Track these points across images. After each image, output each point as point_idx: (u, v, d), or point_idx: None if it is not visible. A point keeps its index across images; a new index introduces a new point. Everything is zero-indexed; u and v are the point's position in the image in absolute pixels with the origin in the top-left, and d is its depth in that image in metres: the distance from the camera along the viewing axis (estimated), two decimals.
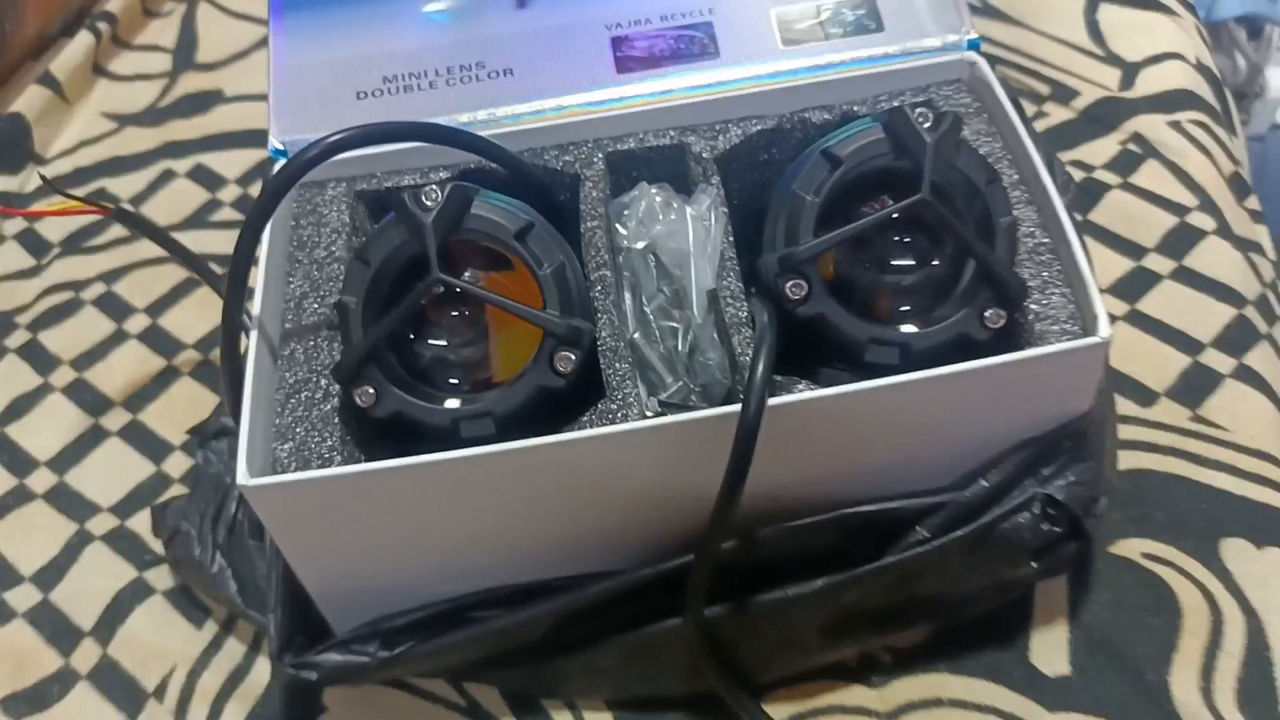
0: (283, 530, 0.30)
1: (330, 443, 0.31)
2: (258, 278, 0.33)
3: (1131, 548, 0.36)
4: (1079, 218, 0.45)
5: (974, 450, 0.31)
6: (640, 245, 0.35)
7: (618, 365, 0.32)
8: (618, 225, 0.35)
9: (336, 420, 0.31)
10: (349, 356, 0.30)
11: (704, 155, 0.36)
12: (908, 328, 0.31)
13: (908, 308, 0.31)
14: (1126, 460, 0.37)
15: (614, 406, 0.31)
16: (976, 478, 0.31)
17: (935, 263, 0.31)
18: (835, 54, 0.37)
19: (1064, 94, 0.50)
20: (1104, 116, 0.48)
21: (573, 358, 0.30)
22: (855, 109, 0.36)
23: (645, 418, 0.31)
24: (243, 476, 0.29)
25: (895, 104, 0.35)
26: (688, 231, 0.34)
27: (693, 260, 0.34)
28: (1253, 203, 0.48)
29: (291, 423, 0.31)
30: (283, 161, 0.36)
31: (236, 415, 0.31)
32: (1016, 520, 0.31)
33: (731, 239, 0.34)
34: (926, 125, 0.30)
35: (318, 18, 0.39)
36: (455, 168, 0.36)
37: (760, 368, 0.28)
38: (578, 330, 0.31)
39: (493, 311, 0.32)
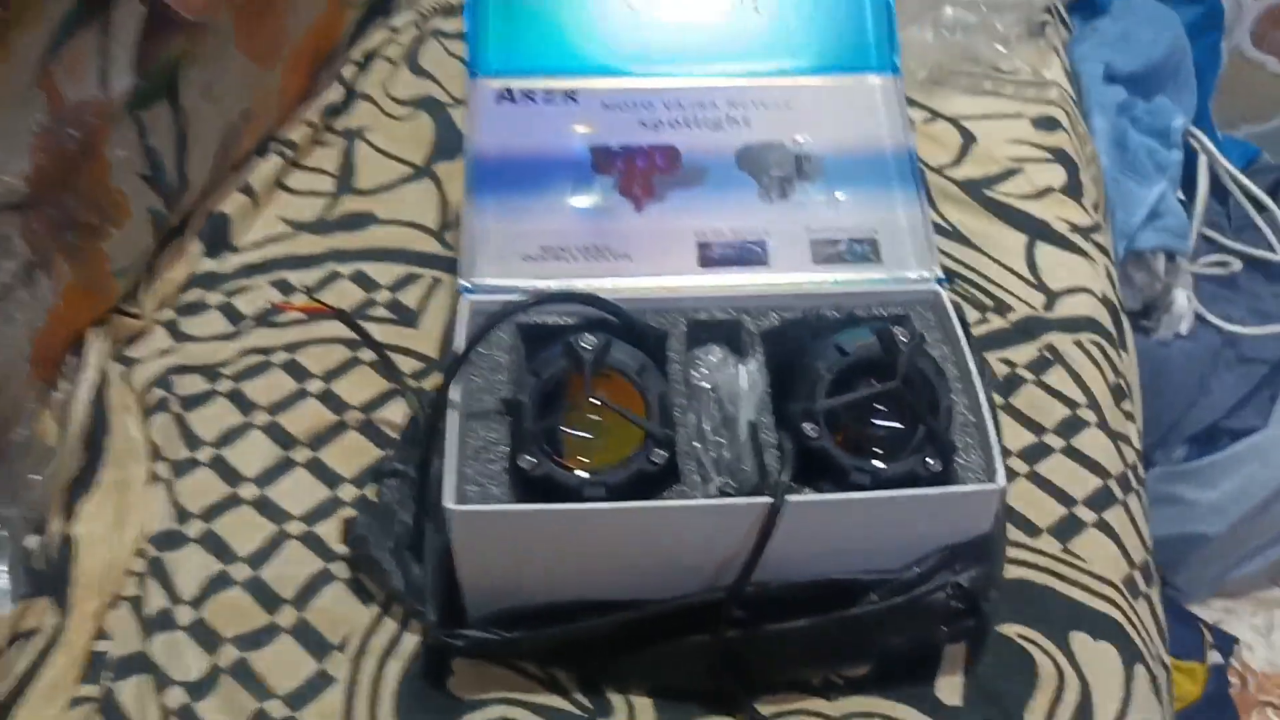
0: (462, 540, 0.46)
1: (500, 490, 0.47)
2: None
3: (1011, 629, 0.52)
4: (1002, 400, 0.63)
5: (912, 547, 0.48)
6: (706, 385, 0.52)
7: (688, 463, 0.49)
8: (691, 370, 0.52)
9: (504, 475, 0.48)
10: (523, 436, 0.47)
11: (752, 330, 0.53)
12: (878, 463, 0.48)
13: (879, 450, 0.49)
14: (1014, 571, 0.54)
15: (685, 488, 0.48)
16: (911, 566, 0.48)
17: (899, 424, 0.49)
18: (847, 274, 0.55)
19: (1002, 308, 0.68)
20: (1029, 329, 0.67)
21: (664, 454, 0.47)
22: (857, 313, 0.54)
23: (707, 497, 0.47)
24: (449, 502, 0.45)
25: (884, 317, 0.53)
26: (740, 381, 0.51)
27: (742, 400, 0.51)
28: (1127, 406, 0.66)
29: (474, 474, 0.48)
30: (472, 296, 0.53)
31: (428, 466, 0.48)
32: (935, 597, 0.48)
33: (769, 390, 0.51)
34: (904, 340, 0.48)
35: (499, 199, 0.57)
36: (582, 314, 0.53)
37: (786, 476, 0.45)
38: (669, 436, 0.48)
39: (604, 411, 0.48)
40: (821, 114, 0.60)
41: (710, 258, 0.56)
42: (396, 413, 0.60)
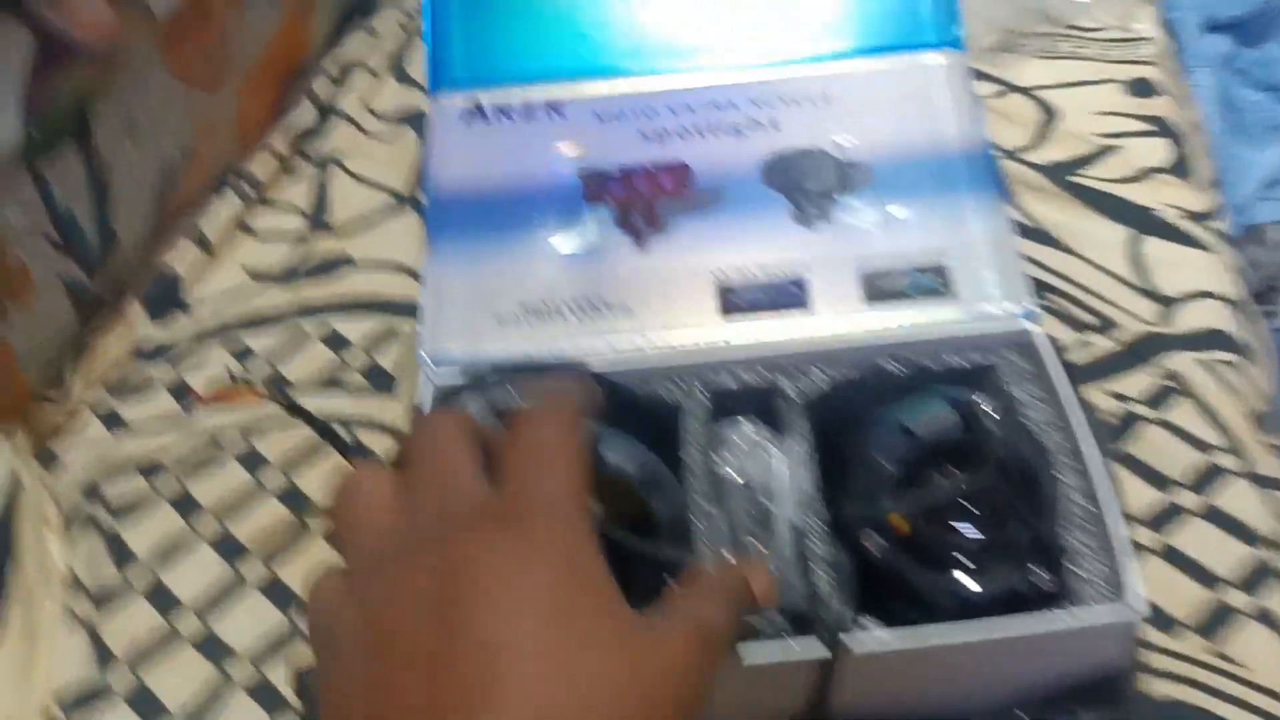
0: None
1: None
2: None
3: None
4: (1114, 447, 0.50)
5: (1017, 690, 0.36)
6: (733, 475, 0.40)
7: None
8: (714, 455, 0.41)
9: None
10: None
11: (792, 396, 0.42)
12: (966, 579, 0.36)
13: (967, 562, 0.37)
14: (1147, 685, 0.42)
15: None
16: (1016, 713, 0.36)
17: (992, 527, 0.37)
18: (911, 314, 0.43)
19: (1105, 325, 0.55)
20: (1142, 351, 0.54)
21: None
22: (928, 365, 0.42)
23: None
24: None
25: (962, 369, 0.41)
26: (776, 470, 0.40)
27: (779, 497, 0.39)
28: (1275, 438, 0.53)
29: None
30: (435, 370, 0.42)
31: None
32: None
33: (816, 479, 0.39)
34: (990, 415, 0.36)
35: (464, 244, 0.46)
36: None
37: (839, 615, 0.34)
38: (683, 561, 0.36)
39: None
40: (868, 107, 0.48)
41: (734, 304, 0.44)
42: None
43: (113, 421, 0.54)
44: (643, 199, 0.46)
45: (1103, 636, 0.35)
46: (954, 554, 0.37)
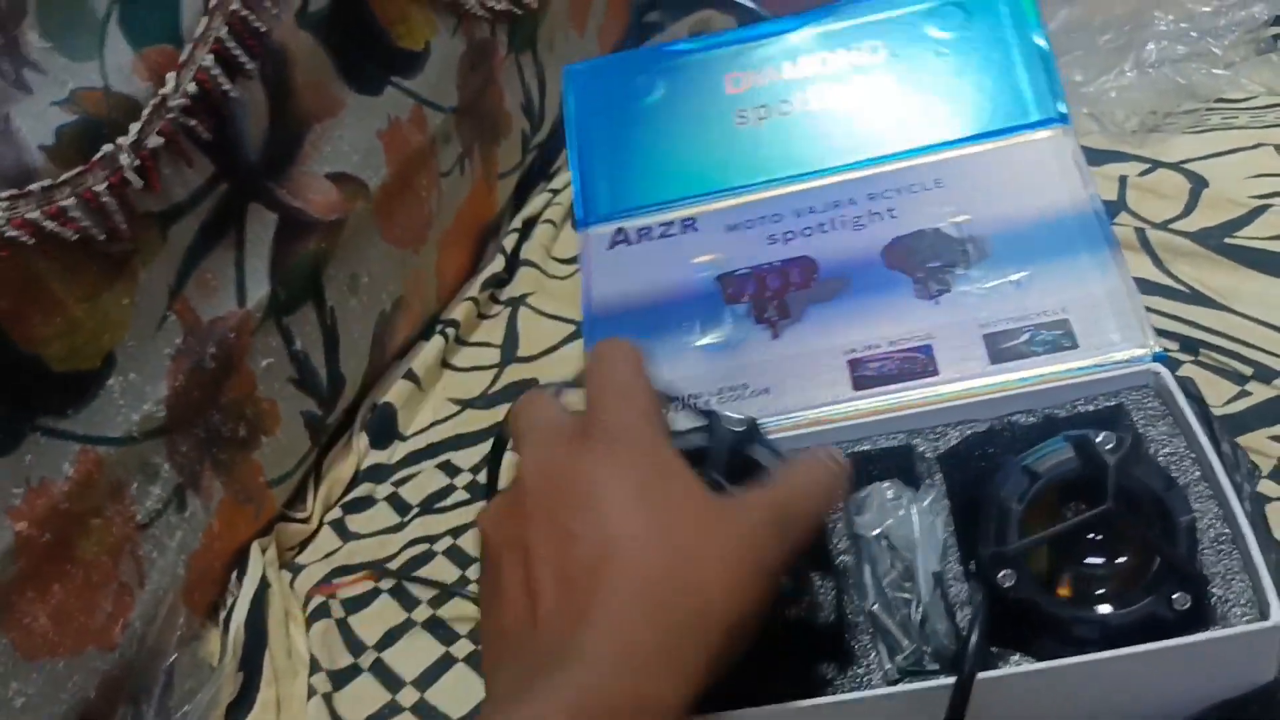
0: None
1: None
2: None
3: None
4: (1270, 498, 0.49)
5: (1168, 712, 0.37)
6: (875, 533, 0.43)
7: (861, 638, 0.40)
8: (855, 516, 0.44)
9: None
10: None
11: (927, 454, 0.44)
12: (1104, 608, 0.37)
13: (1103, 591, 0.38)
14: None
15: (859, 671, 0.39)
16: None
17: (1124, 557, 0.38)
18: (1036, 368, 0.46)
19: (1265, 374, 0.55)
20: None
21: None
22: (1056, 413, 0.44)
23: (886, 683, 0.38)
24: None
25: (1090, 414, 0.43)
26: (914, 523, 0.42)
27: (919, 548, 0.42)
28: None
29: None
30: None
31: None
32: None
33: (952, 528, 0.42)
34: (1109, 448, 0.38)
35: None
36: None
37: (974, 645, 0.36)
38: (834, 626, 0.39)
39: None
40: (980, 187, 0.52)
41: (865, 377, 0.48)
42: None
43: (343, 533, 0.63)
44: (774, 293, 0.51)
45: (1247, 646, 0.35)
46: (1090, 584, 0.38)
